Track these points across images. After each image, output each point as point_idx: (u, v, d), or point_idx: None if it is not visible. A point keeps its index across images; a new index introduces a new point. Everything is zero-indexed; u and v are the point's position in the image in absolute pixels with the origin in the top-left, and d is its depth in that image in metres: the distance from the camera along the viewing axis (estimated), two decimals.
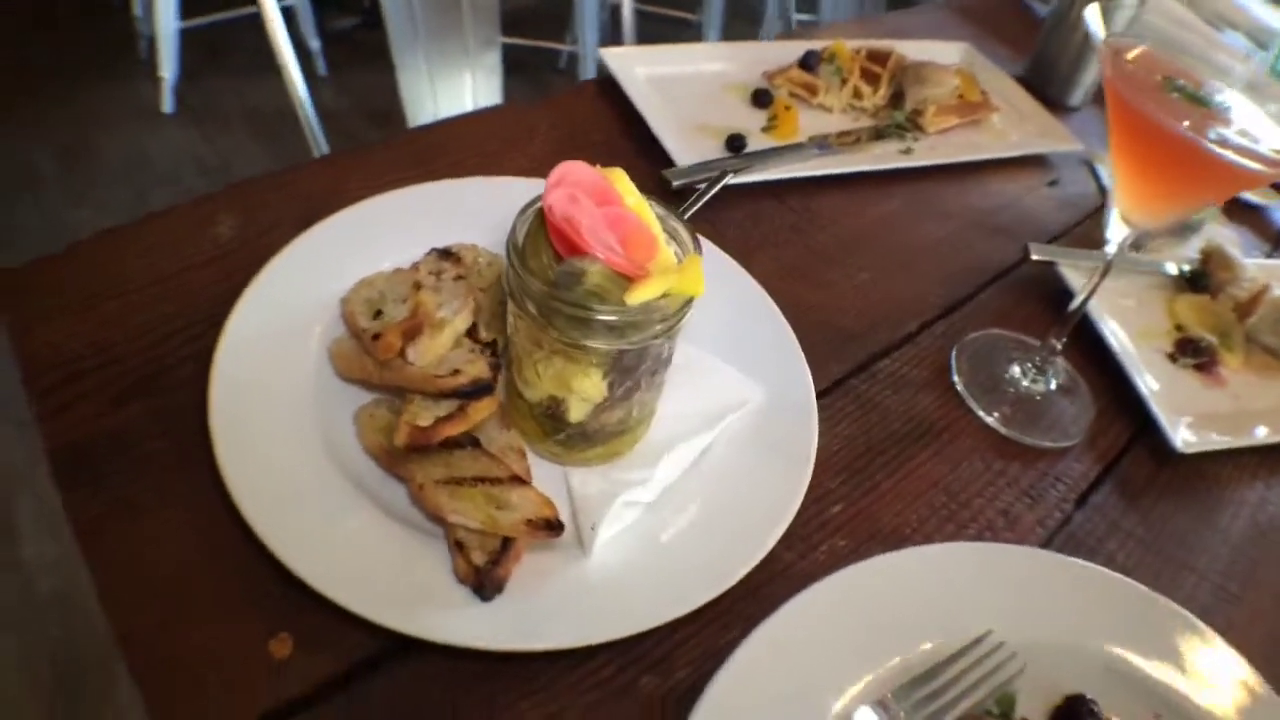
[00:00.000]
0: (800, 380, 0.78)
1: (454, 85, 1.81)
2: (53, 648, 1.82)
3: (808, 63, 1.19)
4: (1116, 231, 0.75)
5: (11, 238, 2.59)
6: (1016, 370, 0.89)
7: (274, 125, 3.19)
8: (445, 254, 0.79)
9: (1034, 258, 0.99)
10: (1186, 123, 0.63)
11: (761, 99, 1.17)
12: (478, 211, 0.84)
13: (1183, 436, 0.85)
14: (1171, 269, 1.05)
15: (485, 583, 0.58)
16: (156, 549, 0.61)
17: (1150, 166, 0.69)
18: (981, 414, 0.85)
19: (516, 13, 3.72)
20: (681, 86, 1.16)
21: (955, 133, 1.20)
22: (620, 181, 0.62)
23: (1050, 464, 0.83)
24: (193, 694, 0.55)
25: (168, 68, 3.06)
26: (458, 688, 0.58)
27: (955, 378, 0.88)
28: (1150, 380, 0.90)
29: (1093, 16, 0.69)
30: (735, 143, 1.07)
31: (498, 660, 0.59)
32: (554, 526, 0.60)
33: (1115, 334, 0.93)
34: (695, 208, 0.90)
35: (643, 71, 1.15)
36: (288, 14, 3.41)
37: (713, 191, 0.93)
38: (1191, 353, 0.96)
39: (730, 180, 0.99)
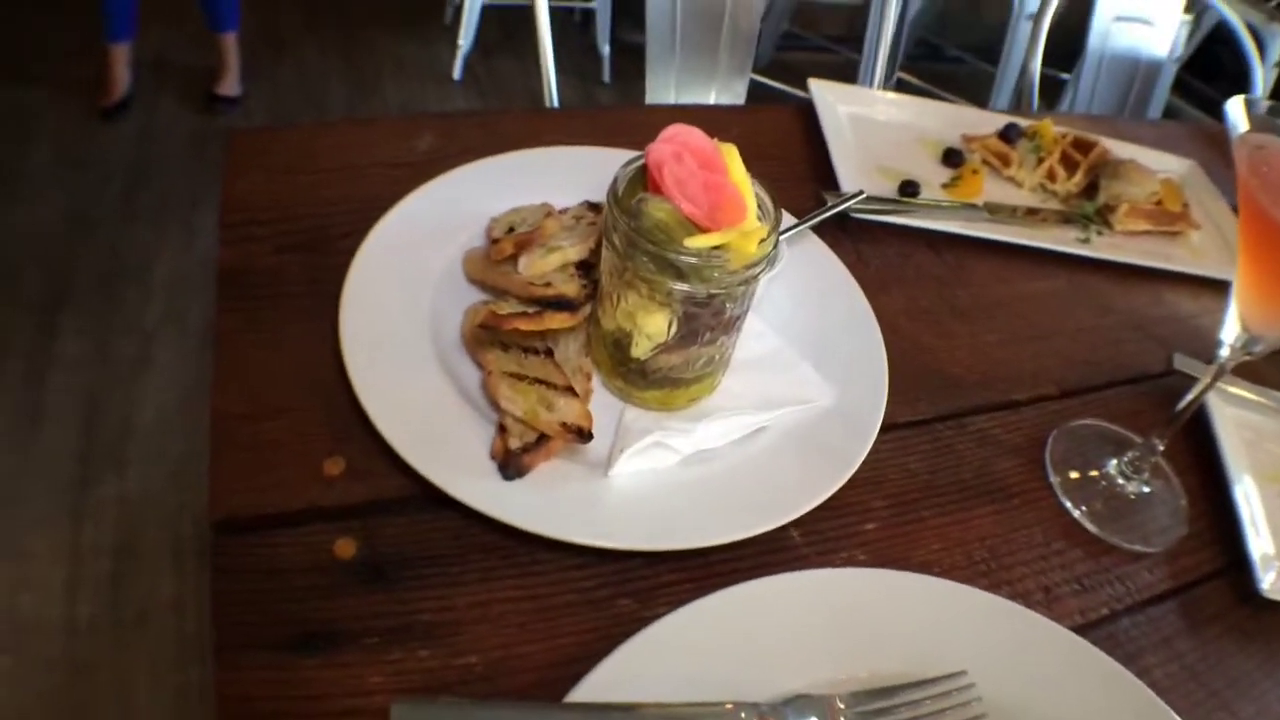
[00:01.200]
0: (874, 398, 0.80)
1: (696, 102, 1.91)
2: (203, 511, 2.01)
3: (1008, 134, 1.20)
4: (1229, 333, 0.73)
5: None
6: (1112, 465, 0.87)
7: None
8: (593, 206, 0.87)
9: (1178, 369, 0.97)
10: None
11: (952, 158, 1.19)
12: None
13: (1271, 580, 0.80)
14: None
15: (510, 464, 0.65)
16: (268, 363, 0.74)
17: (1268, 266, 0.67)
18: (1061, 495, 0.84)
19: (803, 64, 3.83)
20: (878, 131, 1.20)
21: (1145, 239, 1.17)
22: (731, 156, 0.67)
23: (1116, 563, 0.80)
24: (248, 475, 0.66)
25: (466, 37, 3.35)
26: (460, 549, 0.65)
27: (1047, 454, 0.87)
28: (1260, 519, 0.86)
29: (1235, 109, 0.68)
30: (909, 189, 1.10)
31: (504, 538, 0.65)
32: (584, 434, 0.67)
33: (1237, 464, 0.89)
34: (819, 219, 0.93)
35: (845, 109, 1.20)
36: (586, 17, 3.67)
37: (839, 208, 0.96)
38: None
39: (868, 216, 1.02)
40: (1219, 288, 1.16)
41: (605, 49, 3.59)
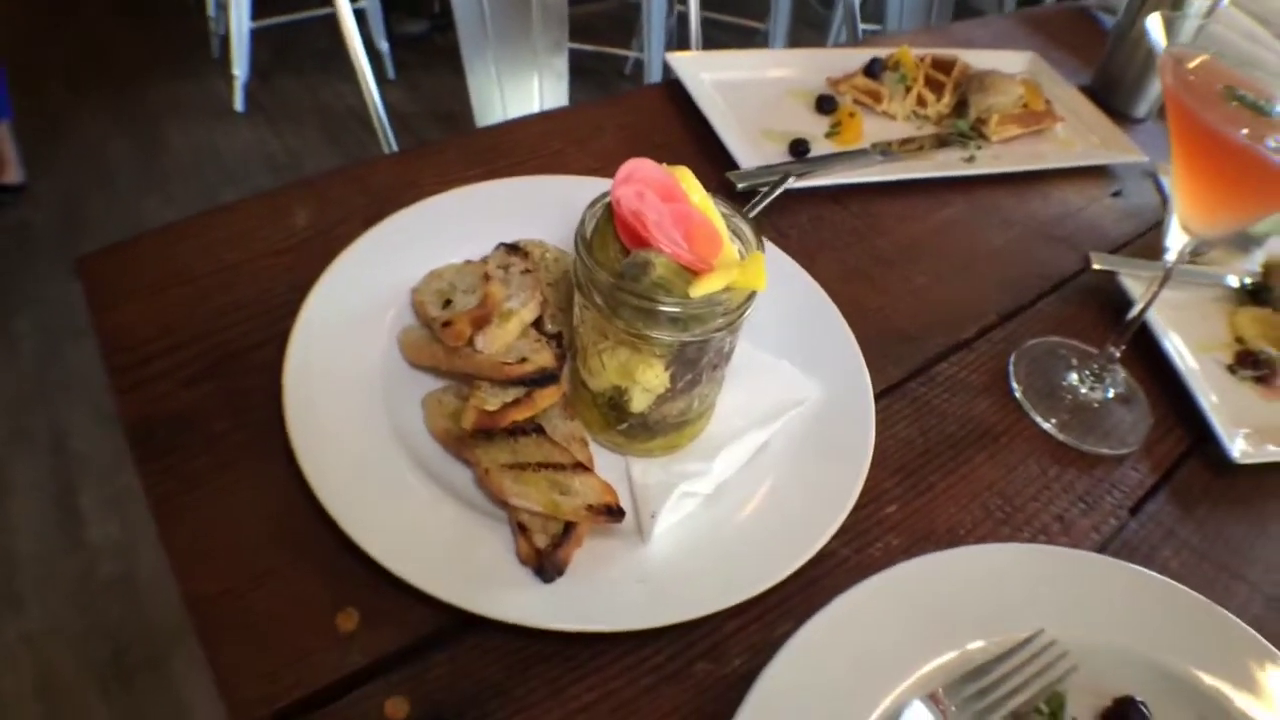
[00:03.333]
0: (859, 380, 0.79)
1: (522, 88, 1.84)
2: (113, 627, 1.89)
3: (872, 70, 1.20)
4: (1176, 240, 0.75)
5: (86, 225, 2.70)
6: (1074, 378, 0.89)
7: (343, 124, 3.27)
8: (513, 249, 0.82)
9: (1095, 267, 0.99)
10: (1245, 131, 0.64)
11: (825, 105, 1.18)
12: (545, 209, 0.86)
13: (1240, 447, 0.84)
14: (1233, 282, 1.04)
15: (547, 565, 0.60)
16: (226, 524, 0.64)
17: (1209, 175, 0.69)
18: (1039, 420, 0.86)
19: (584, 19, 3.77)
20: (747, 91, 1.18)
21: (1019, 142, 1.20)
22: (686, 180, 0.64)
23: (1106, 471, 0.83)
24: (259, 661, 0.58)
25: (240, 66, 3.15)
26: (516, 667, 0.60)
27: (1013, 384, 0.88)
28: (1209, 391, 0.90)
29: (1154, 26, 0.69)
30: (799, 148, 1.09)
31: (556, 641, 0.61)
32: (615, 512, 0.62)
33: (1175, 345, 0.93)
34: (758, 209, 0.91)
35: (709, 76, 1.17)
36: (358, 16, 3.49)
37: (776, 194, 0.94)
38: (1251, 365, 0.95)
39: (793, 184, 1.00)
40: (1095, 174, 1.20)
41: (384, 45, 3.43)
